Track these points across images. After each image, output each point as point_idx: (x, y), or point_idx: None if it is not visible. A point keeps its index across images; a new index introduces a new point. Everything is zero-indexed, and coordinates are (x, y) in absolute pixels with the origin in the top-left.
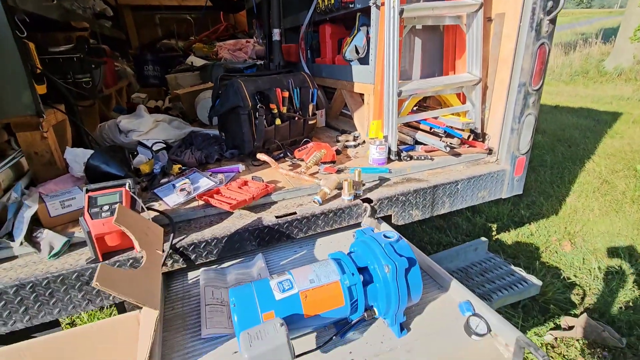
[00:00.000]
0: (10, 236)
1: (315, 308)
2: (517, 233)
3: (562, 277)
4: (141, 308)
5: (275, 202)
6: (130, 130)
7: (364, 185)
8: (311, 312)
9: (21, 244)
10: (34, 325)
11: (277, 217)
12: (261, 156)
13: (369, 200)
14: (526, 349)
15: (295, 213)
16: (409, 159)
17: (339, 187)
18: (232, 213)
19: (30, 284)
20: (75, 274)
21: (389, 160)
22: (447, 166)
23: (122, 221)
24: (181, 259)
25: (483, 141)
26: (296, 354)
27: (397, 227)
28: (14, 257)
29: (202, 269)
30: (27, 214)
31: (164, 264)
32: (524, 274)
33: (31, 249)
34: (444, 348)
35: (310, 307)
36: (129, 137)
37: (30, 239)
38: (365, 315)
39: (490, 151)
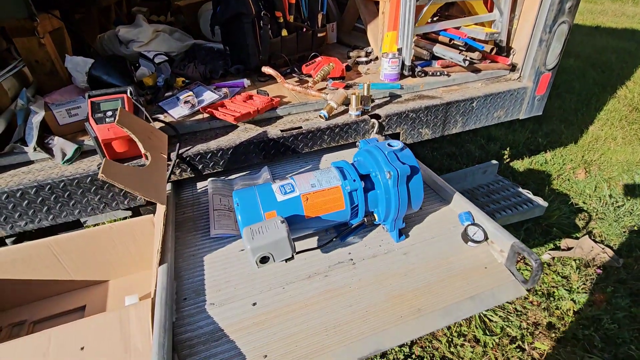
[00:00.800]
0: (23, 142)
1: (315, 210)
2: (531, 161)
3: (570, 203)
4: (155, 212)
5: (280, 117)
6: (130, 40)
7: (373, 101)
8: (312, 214)
9: (35, 149)
10: (58, 223)
11: (282, 130)
12: (266, 69)
13: (377, 117)
14: (520, 253)
15: (300, 127)
16: (423, 74)
17: (347, 103)
18: (237, 126)
19: (49, 186)
20: (89, 178)
21: (402, 76)
22: (464, 83)
23: (124, 123)
24: (189, 169)
25: (507, 56)
26: (302, 250)
27: None
28: (31, 162)
29: (210, 179)
30: (35, 120)
31: (173, 173)
32: (530, 195)
33: (45, 154)
34: (440, 253)
35: (310, 209)
36: (130, 48)
37: (43, 145)
38: (365, 220)
39: (513, 67)
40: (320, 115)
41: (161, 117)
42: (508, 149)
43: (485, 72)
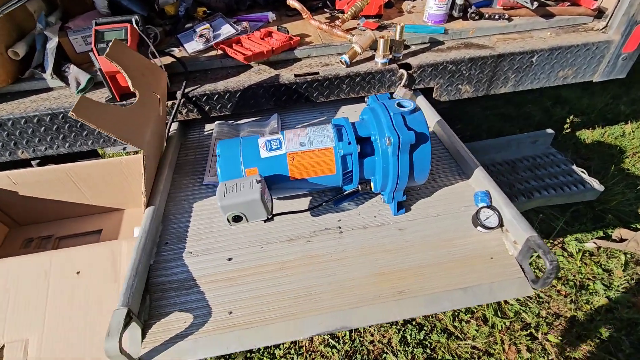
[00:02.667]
0: (43, 68)
1: (302, 172)
2: (604, 132)
3: (638, 189)
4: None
5: (299, 59)
6: None
7: (408, 47)
8: (297, 175)
9: (52, 77)
10: (74, 151)
11: (296, 75)
12: (292, 2)
13: (407, 66)
14: (535, 250)
15: (317, 73)
16: (477, 17)
17: (375, 47)
18: (251, 66)
19: (62, 115)
20: None
21: (451, 18)
22: (528, 31)
23: (113, 56)
24: (195, 109)
25: None
26: (282, 212)
27: (448, 107)
28: (50, 89)
29: (217, 122)
30: (49, 46)
31: (179, 112)
32: (584, 176)
33: (61, 82)
34: (441, 233)
35: (296, 170)
36: None
37: (60, 72)
38: (359, 188)
39: (599, 13)
40: (340, 61)
41: (176, 50)
42: (578, 118)
43: (560, 18)
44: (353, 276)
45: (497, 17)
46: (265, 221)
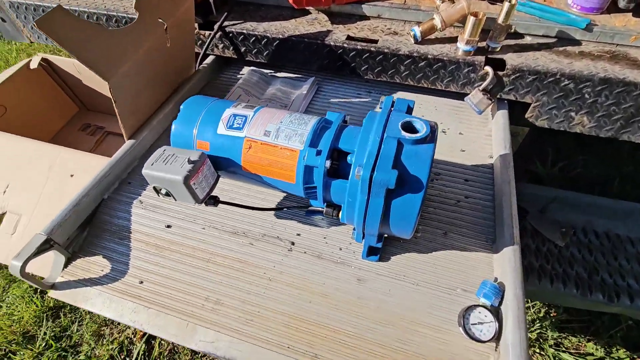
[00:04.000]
0: None
1: (255, 166)
2: None
3: None
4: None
5: (366, 18)
6: None
7: (521, 36)
8: (250, 168)
9: None
10: None
11: (348, 38)
12: None
13: (498, 64)
14: None
15: (375, 42)
16: None
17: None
18: (309, 13)
19: (114, 18)
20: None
21: (613, 8)
22: None
23: None
24: (232, 48)
25: None
26: (232, 203)
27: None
28: None
29: (251, 68)
30: None
31: (215, 46)
32: None
33: None
34: (408, 310)
35: (250, 161)
36: None
37: None
38: (324, 210)
39: None
40: (410, 32)
41: None
42: None
43: None
44: (275, 307)
45: None
46: (206, 204)
